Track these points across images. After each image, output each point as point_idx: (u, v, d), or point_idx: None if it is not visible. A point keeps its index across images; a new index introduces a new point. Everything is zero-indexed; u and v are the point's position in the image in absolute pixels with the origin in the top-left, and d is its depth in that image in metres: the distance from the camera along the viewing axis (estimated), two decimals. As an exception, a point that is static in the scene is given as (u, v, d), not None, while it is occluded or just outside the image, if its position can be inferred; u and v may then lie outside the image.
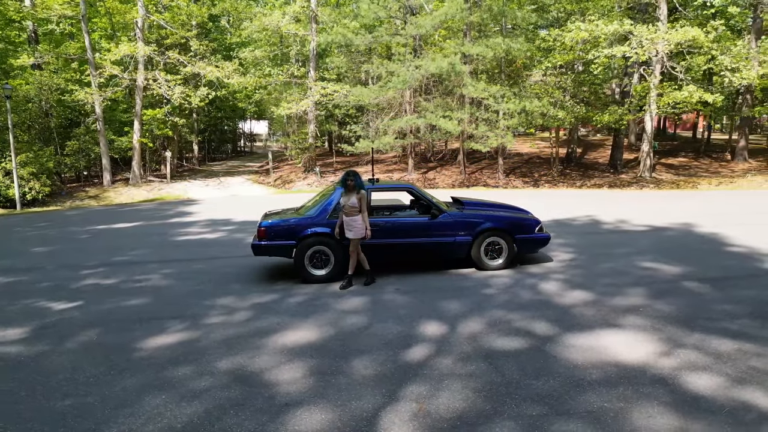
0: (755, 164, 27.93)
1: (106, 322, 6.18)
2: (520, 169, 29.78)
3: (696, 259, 8.12)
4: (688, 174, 26.60)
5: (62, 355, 5.22)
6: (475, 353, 4.88)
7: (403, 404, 3.98)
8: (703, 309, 5.85)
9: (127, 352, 5.22)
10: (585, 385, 4.17)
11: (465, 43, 22.68)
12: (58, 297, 7.27)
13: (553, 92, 22.64)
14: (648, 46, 17.62)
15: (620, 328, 5.38)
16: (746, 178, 22.48)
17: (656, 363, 4.52)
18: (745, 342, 4.88)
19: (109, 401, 4.21)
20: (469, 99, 23.81)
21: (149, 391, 4.37)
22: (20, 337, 5.76)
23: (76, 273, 8.71)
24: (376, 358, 4.87)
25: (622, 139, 27.61)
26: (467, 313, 6.00)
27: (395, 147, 23.91)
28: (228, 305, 6.69)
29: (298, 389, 4.30)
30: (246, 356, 5.03)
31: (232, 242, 11.10)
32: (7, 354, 5.27)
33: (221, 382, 4.49)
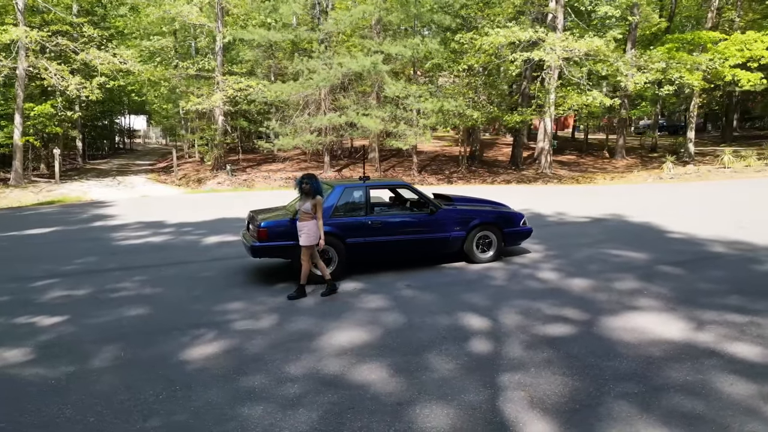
0: (632, 161, 31.42)
1: (120, 335, 5.62)
2: (430, 166, 30.84)
3: (651, 246, 9.10)
4: (579, 170, 29.24)
5: (101, 374, 4.69)
6: (536, 341, 5.16)
7: (511, 393, 4.13)
8: (694, 290, 6.63)
9: (176, 366, 4.83)
10: (656, 362, 4.60)
11: (384, 43, 23.03)
12: (31, 312, 6.46)
13: (467, 93, 23.76)
14: (560, 52, 19.22)
15: (641, 310, 5.95)
16: (633, 173, 25.23)
17: (696, 338, 5.10)
18: (752, 315, 5.64)
19: (204, 417, 3.91)
20: (387, 98, 24.20)
21: (240, 402, 4.11)
22: (27, 358, 5.07)
23: (27, 285, 7.74)
24: (446, 352, 4.96)
25: (521, 138, 29.63)
26: (495, 305, 6.27)
27: (315, 144, 23.66)
28: (243, 310, 6.38)
29: (397, 388, 4.28)
30: (311, 359, 4.88)
31: (189, 245, 10.45)
32: (28, 378, 4.64)
33: (309, 387, 4.34)
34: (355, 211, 7.70)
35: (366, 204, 7.80)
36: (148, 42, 23.43)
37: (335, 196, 7.62)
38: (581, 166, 30.92)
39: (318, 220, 6.71)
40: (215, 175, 27.40)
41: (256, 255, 7.38)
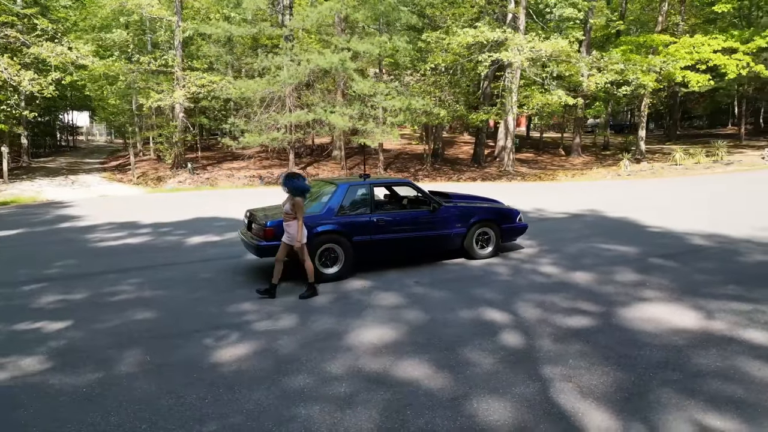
0: (588, 158, 32.57)
1: (135, 340, 5.42)
2: (395, 164, 30.99)
3: (636, 240, 9.49)
4: (539, 167, 30.07)
5: (132, 380, 4.51)
6: (562, 333, 5.31)
7: (559, 384, 4.24)
8: (692, 281, 6.97)
9: (210, 369, 4.70)
10: (682, 350, 4.82)
11: (352, 40, 22.95)
12: (31, 317, 6.13)
13: (434, 92, 24.01)
14: (528, 53, 19.72)
15: (649, 301, 6.21)
16: (593, 170, 26.16)
17: (711, 326, 5.37)
18: (754, 303, 5.98)
19: (260, 418, 3.83)
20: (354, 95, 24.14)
21: (293, 403, 4.04)
22: (45, 365, 4.81)
23: (14, 290, 7.33)
24: (480, 347, 5.03)
25: (483, 136, 30.18)
26: (509, 299, 6.40)
27: (281, 142, 23.34)
28: (258, 310, 6.27)
29: (446, 383, 4.31)
30: (349, 358, 4.85)
31: (173, 246, 10.14)
32: (54, 386, 4.40)
33: (357, 385, 4.32)
34: (360, 209, 7.69)
35: (371, 202, 7.79)
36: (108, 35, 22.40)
37: (340, 194, 7.58)
38: (540, 163, 31.79)
39: (298, 221, 6.54)
40: (176, 174, 26.61)
41: (262, 254, 7.24)
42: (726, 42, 26.09)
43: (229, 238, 10.69)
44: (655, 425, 3.62)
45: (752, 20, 34.11)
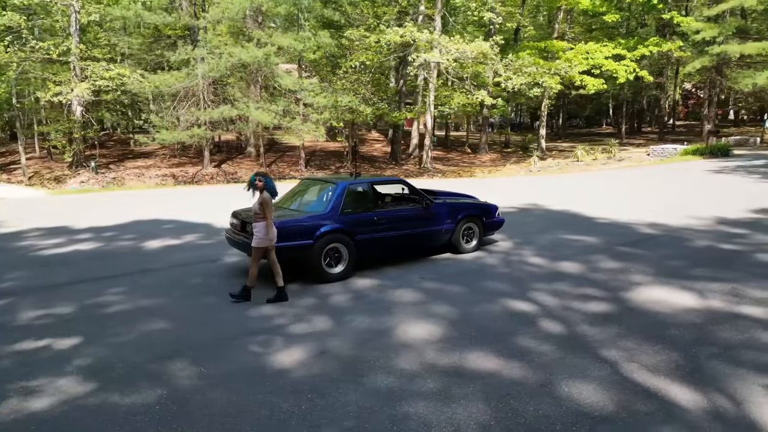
0: (494, 155, 34.43)
1: (169, 352, 5.07)
2: (313, 161, 30.71)
3: (593, 231, 10.31)
4: (452, 164, 31.30)
5: (202, 393, 4.26)
6: (593, 318, 5.73)
7: (626, 365, 4.61)
8: (666, 266, 7.76)
9: (280, 375, 4.56)
10: (704, 327, 5.42)
11: (274, 34, 22.42)
12: (24, 336, 5.50)
13: (359, 89, 24.12)
14: (454, 54, 20.47)
15: (644, 285, 6.85)
16: (506, 166, 27.74)
17: (710, 305, 6.05)
18: (729, 283, 6.81)
19: (373, 419, 3.81)
20: (276, 90, 23.62)
21: (394, 401, 4.06)
22: (89, 386, 4.39)
23: None
24: (529, 335, 5.31)
25: (399, 134, 30.83)
26: (522, 290, 6.76)
27: (201, 138, 22.25)
28: (283, 313, 6.10)
29: (525, 372, 4.53)
30: (413, 355, 4.91)
31: (131, 252, 9.41)
32: (119, 407, 4.04)
33: (443, 380, 4.41)
34: (361, 208, 7.67)
35: (370, 200, 7.81)
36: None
37: (341, 193, 7.51)
38: (452, 161, 33.07)
39: (266, 220, 6.36)
40: (76, 174, 24.37)
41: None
42: (615, 49, 28.85)
43: (191, 242, 10.12)
44: (732, 393, 4.09)
45: (630, 30, 37.92)
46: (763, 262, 7.83)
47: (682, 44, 29.22)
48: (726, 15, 29.43)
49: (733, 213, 11.62)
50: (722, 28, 27.74)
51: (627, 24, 36.67)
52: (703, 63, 28.46)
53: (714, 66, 29.59)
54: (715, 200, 13.46)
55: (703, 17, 28.81)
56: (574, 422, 3.75)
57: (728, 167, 21.00)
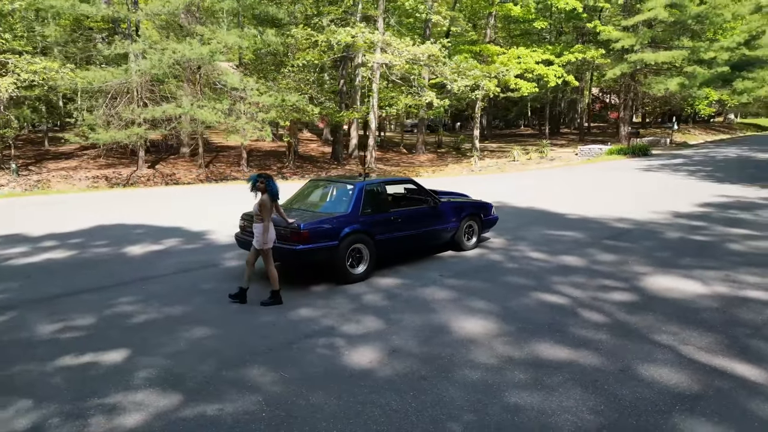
0: (431, 156, 35.20)
1: (234, 359, 4.90)
2: (253, 161, 29.91)
3: (571, 226, 10.89)
4: (392, 164, 31.66)
5: (306, 397, 4.18)
6: (626, 307, 6.14)
7: (684, 348, 5.01)
8: (657, 257, 8.40)
9: (366, 375, 4.57)
10: (725, 310, 5.97)
11: (217, 31, 21.68)
12: (59, 352, 5.09)
13: (305, 89, 23.83)
14: (407, 56, 20.76)
15: (649, 275, 7.39)
16: (449, 166, 28.46)
17: (718, 290, 6.67)
18: (718, 270, 7.51)
19: (491, 409, 3.91)
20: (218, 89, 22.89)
21: (497, 393, 4.18)
22: (175, 399, 4.16)
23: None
24: (581, 325, 5.61)
25: (341, 134, 30.75)
26: (544, 283, 7.08)
27: (140, 138, 21.08)
28: (325, 314, 6.05)
29: (599, 360, 4.80)
30: (484, 349, 5.06)
31: (116, 259, 8.83)
32: (224, 418, 3.85)
33: (527, 371, 4.58)
34: (378, 208, 7.70)
35: (386, 200, 7.85)
36: None
37: (358, 193, 7.49)
38: (391, 160, 33.42)
39: (264, 221, 6.27)
40: (-6, 176, 22.23)
41: (302, 258, 6.84)
42: (543, 55, 30.46)
43: (175, 246, 9.64)
44: (789, 366, 4.59)
45: (548, 38, 40.12)
46: (736, 251, 8.68)
47: (604, 52, 31.38)
48: (638, 26, 31.93)
49: (683, 207, 12.73)
50: (639, 37, 30.12)
51: (551, 32, 38.74)
52: (623, 69, 30.76)
53: (630, 72, 32.03)
54: (661, 196, 14.65)
55: (620, 27, 31.11)
56: (674, 401, 4.06)
57: (654, 166, 22.85)
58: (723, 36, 32.31)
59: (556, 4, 30.13)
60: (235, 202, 14.61)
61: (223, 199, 16.02)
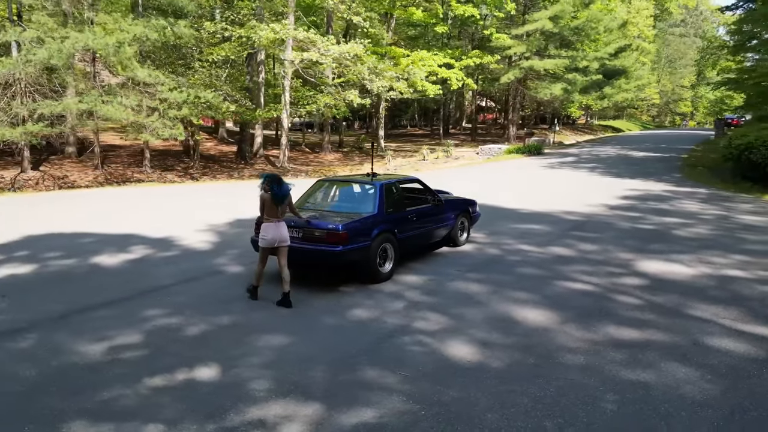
0: (337, 155, 35.24)
1: (340, 364, 4.80)
2: (155, 161, 27.82)
3: (532, 220, 11.63)
4: (302, 163, 31.22)
5: (444, 395, 4.20)
6: (646, 289, 6.84)
7: (725, 321, 5.74)
8: (629, 245, 9.32)
9: (481, 370, 4.70)
10: (725, 287, 6.89)
11: (124, 21, 19.98)
12: (142, 373, 4.61)
13: (219, 86, 22.68)
14: (336, 55, 20.55)
15: (638, 260, 8.23)
16: (364, 165, 28.67)
17: (705, 271, 7.63)
18: (689, 254, 8.59)
19: (620, 389, 4.24)
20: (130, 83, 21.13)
21: (626, 376, 4.52)
22: (319, 408, 4.02)
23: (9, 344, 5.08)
24: (623, 308, 6.18)
25: (248, 133, 29.71)
26: (558, 273, 7.62)
27: (38, 136, 18.78)
28: (384, 314, 6.05)
29: (664, 336, 5.37)
30: (567, 337, 5.41)
31: (93, 272, 7.97)
32: (391, 424, 3.80)
33: (624, 353, 5.00)
34: (398, 207, 7.76)
35: (402, 199, 7.93)
36: None
37: (381, 193, 7.50)
38: (298, 160, 32.94)
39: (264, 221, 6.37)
40: None
41: (339, 259, 6.68)
42: (444, 58, 31.87)
43: (151, 255, 8.85)
44: (816, 329, 5.47)
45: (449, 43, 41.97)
46: (685, 237, 9.95)
47: (499, 57, 33.57)
48: (524, 35, 34.63)
49: (610, 200, 14.20)
50: (529, 45, 32.68)
51: (450, 37, 40.44)
52: (516, 75, 33.19)
53: (521, 77, 34.65)
54: (584, 190, 16.15)
55: (512, 35, 33.51)
56: (759, 366, 4.69)
57: (554, 164, 24.99)
58: (595, 48, 36.09)
59: (455, 10, 31.65)
60: (157, 208, 13.70)
61: (145, 203, 14.88)
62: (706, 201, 14.52)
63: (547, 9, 32.57)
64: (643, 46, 54.07)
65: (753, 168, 18.65)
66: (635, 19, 52.93)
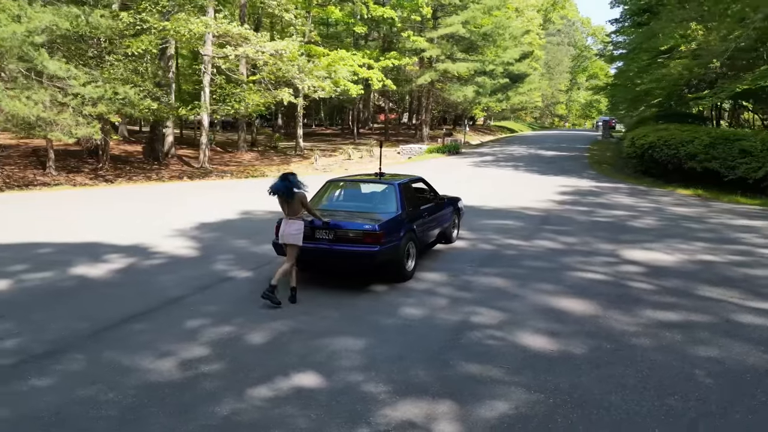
0: (254, 154, 34.16)
1: (440, 365, 4.82)
2: (56, 164, 25.24)
3: (501, 217, 12.13)
4: (221, 164, 29.90)
5: (563, 381, 4.39)
6: (654, 275, 7.47)
7: (737, 301, 6.45)
8: (600, 236, 10.08)
9: (569, 358, 4.94)
10: (713, 271, 7.72)
11: (28, 9, 18.01)
12: (233, 386, 4.34)
13: (136, 80, 21.05)
14: (272, 51, 19.83)
15: (621, 249, 8.96)
16: (290, 165, 28.02)
17: (682, 258, 8.48)
18: (656, 242, 9.49)
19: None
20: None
21: (686, 348, 4.98)
22: (466, 407, 4.00)
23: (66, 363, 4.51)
24: (645, 293, 6.74)
25: (161, 131, 27.95)
26: (564, 265, 8.10)
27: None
28: (434, 310, 6.13)
29: (705, 318, 5.95)
30: (618, 322, 5.81)
31: (82, 287, 7.23)
32: (519, 409, 3.93)
33: (680, 335, 5.49)
34: (414, 206, 7.82)
35: (415, 198, 8.01)
36: None
37: (400, 192, 7.55)
38: (214, 160, 31.50)
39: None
40: None
41: (376, 259, 6.60)
42: (363, 59, 32.12)
43: (132, 264, 8.15)
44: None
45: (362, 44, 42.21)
46: (641, 228, 10.96)
47: (416, 59, 34.41)
48: (435, 39, 35.81)
49: (553, 196, 15.21)
50: (443, 48, 33.84)
51: (366, 37, 40.64)
52: (432, 77, 34.23)
53: (435, 79, 35.79)
54: (523, 187, 17.14)
55: (427, 38, 34.49)
56: (792, 336, 5.38)
57: (478, 162, 26.18)
58: (503, 53, 38.17)
59: (374, 12, 31.99)
60: (95, 213, 12.66)
61: (74, 208, 13.66)
62: (632, 195, 16.04)
63: (458, 14, 33.93)
64: (536, 53, 58.03)
65: (655, 165, 20.91)
66: (529, 27, 56.67)
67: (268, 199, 6.67)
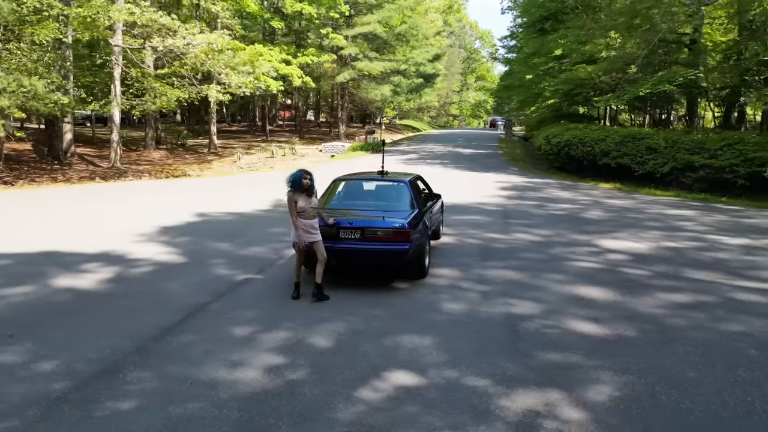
0: (163, 152, 32.13)
1: (523, 359, 4.98)
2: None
3: (463, 212, 12.49)
4: (131, 162, 27.81)
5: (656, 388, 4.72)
6: (641, 262, 8.12)
7: (729, 281, 7.18)
8: (567, 227, 10.78)
9: (629, 344, 5.30)
10: (688, 256, 8.57)
11: None
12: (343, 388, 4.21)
13: (43, 72, 18.99)
14: (205, 46, 18.66)
15: (595, 239, 9.62)
16: (214, 164, 26.67)
17: (653, 245, 9.29)
18: (620, 231, 10.32)
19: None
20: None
21: (717, 324, 5.55)
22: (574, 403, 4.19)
23: None
24: (644, 278, 7.33)
25: (60, 127, 25.46)
26: (554, 255, 8.58)
27: None
28: (477, 305, 6.27)
29: (712, 299, 6.62)
30: (636, 307, 6.30)
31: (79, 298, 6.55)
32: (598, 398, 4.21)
33: (702, 315, 6.07)
34: (424, 203, 7.88)
35: (423, 196, 8.08)
36: None
37: (413, 189, 7.62)
38: (123, 159, 29.26)
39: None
40: None
41: (406, 257, 6.59)
42: (281, 54, 31.40)
43: (123, 273, 7.51)
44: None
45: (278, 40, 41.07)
46: (597, 219, 11.86)
47: (335, 57, 34.18)
48: (349, 37, 35.88)
49: (495, 191, 15.96)
50: (360, 47, 33.97)
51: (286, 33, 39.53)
52: (351, 75, 34.22)
53: (353, 78, 35.84)
54: (462, 184, 17.71)
55: (344, 35, 34.40)
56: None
57: (405, 159, 26.60)
58: (416, 53, 39.08)
59: (292, 7, 31.37)
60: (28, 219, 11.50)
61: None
62: (565, 189, 17.21)
63: (374, 14, 34.24)
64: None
65: (571, 161, 22.63)
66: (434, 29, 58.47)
67: (216, 200, 6.50)
